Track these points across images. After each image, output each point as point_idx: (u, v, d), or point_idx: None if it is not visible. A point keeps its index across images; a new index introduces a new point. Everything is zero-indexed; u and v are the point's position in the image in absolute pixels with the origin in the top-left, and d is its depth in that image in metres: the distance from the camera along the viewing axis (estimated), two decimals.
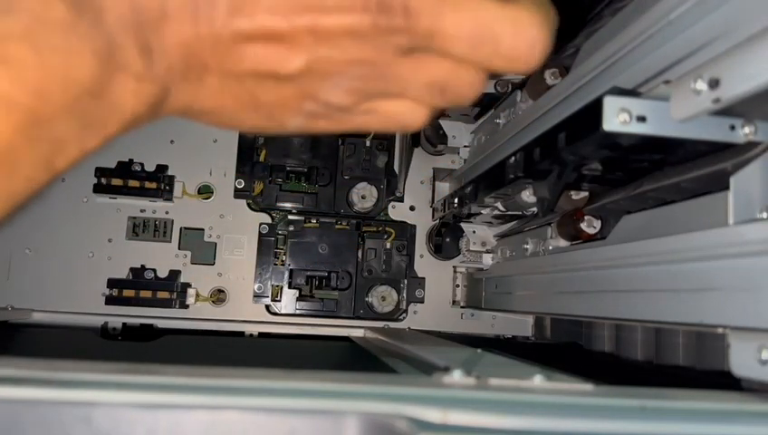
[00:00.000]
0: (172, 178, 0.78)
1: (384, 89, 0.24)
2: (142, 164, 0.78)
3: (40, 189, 0.20)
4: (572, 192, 0.51)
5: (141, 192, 0.77)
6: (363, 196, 0.81)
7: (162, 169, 0.78)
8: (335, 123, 0.26)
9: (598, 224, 0.51)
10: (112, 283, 0.76)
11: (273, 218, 0.81)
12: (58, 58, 0.19)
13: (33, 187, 0.20)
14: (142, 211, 0.78)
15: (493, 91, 0.64)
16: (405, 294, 0.81)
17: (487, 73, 0.24)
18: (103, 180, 0.76)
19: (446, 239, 0.81)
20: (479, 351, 0.46)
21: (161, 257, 0.78)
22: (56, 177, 0.21)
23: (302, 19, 0.21)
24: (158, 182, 0.78)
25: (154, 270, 0.77)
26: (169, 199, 0.78)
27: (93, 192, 0.76)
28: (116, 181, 0.77)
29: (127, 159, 0.77)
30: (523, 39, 0.22)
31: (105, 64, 0.20)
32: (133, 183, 0.77)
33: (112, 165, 0.77)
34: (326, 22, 0.21)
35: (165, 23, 0.21)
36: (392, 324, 0.80)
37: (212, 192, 0.80)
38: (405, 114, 0.26)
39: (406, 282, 0.81)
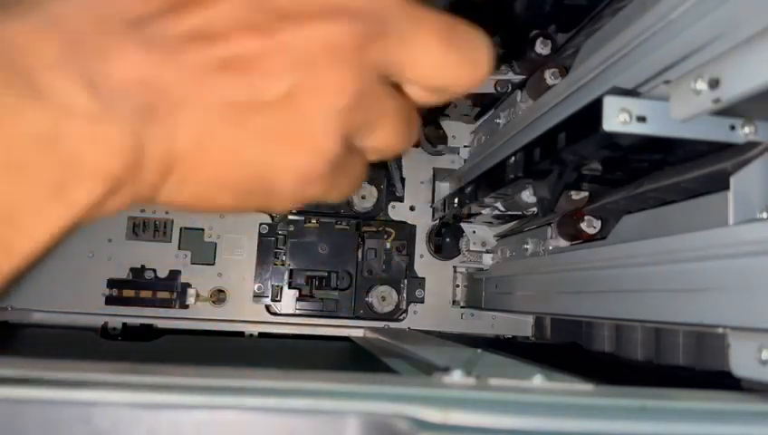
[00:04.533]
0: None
1: (366, 120, 0.22)
2: None
3: (2, 282, 0.18)
4: (572, 192, 0.51)
5: None
6: (363, 196, 0.81)
7: None
8: (326, 184, 0.22)
9: (598, 224, 0.51)
10: (112, 283, 0.76)
11: (273, 218, 0.81)
12: None
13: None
14: (142, 211, 0.78)
15: (493, 91, 0.64)
16: (405, 294, 0.81)
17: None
18: None
19: (446, 239, 0.81)
20: (479, 351, 0.46)
21: (161, 257, 0.78)
22: (19, 263, 0.18)
23: (274, 36, 0.19)
24: None
25: (154, 270, 0.77)
26: None
27: None
28: None
29: None
30: (478, 77, 0.23)
31: (42, 106, 0.17)
32: None
33: None
34: (302, 36, 0.19)
35: (108, 57, 0.18)
36: (392, 324, 0.80)
37: None
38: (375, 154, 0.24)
39: (406, 282, 0.81)
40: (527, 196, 0.54)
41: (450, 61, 0.22)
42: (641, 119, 0.32)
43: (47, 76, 0.17)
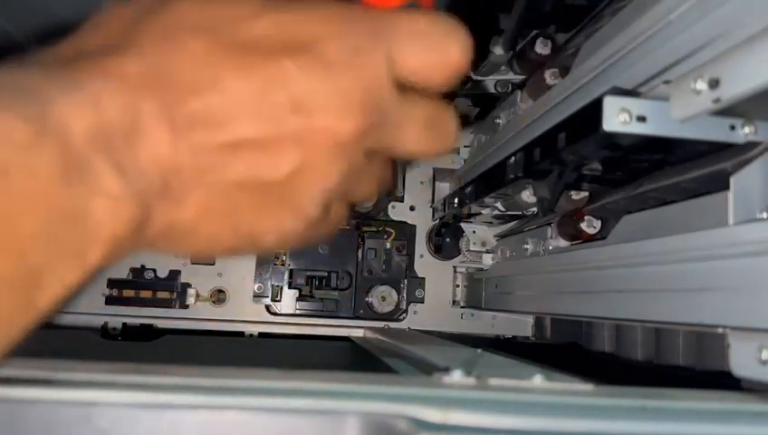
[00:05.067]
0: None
1: (346, 190, 0.25)
2: None
3: (22, 333, 0.19)
4: (572, 192, 0.51)
5: None
6: None
7: None
8: (302, 236, 0.25)
9: (598, 224, 0.51)
10: (112, 283, 0.76)
11: None
12: (23, 181, 0.17)
13: (13, 331, 0.18)
14: None
15: (493, 91, 0.64)
16: (405, 294, 0.81)
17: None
18: None
19: (446, 239, 0.81)
20: (479, 351, 0.46)
21: (161, 257, 0.78)
22: (40, 318, 0.19)
23: (287, 124, 0.21)
24: None
25: (154, 270, 0.77)
26: None
27: None
28: None
29: None
30: (444, 149, 0.27)
31: (77, 187, 0.18)
32: None
33: None
34: (311, 125, 0.22)
35: (138, 140, 0.20)
36: (392, 324, 0.80)
37: None
38: (342, 213, 0.28)
39: (406, 282, 0.81)
40: (527, 196, 0.54)
41: (428, 141, 0.26)
42: (641, 119, 0.32)
43: (87, 157, 0.19)
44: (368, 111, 0.23)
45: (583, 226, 0.51)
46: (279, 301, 0.79)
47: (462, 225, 0.76)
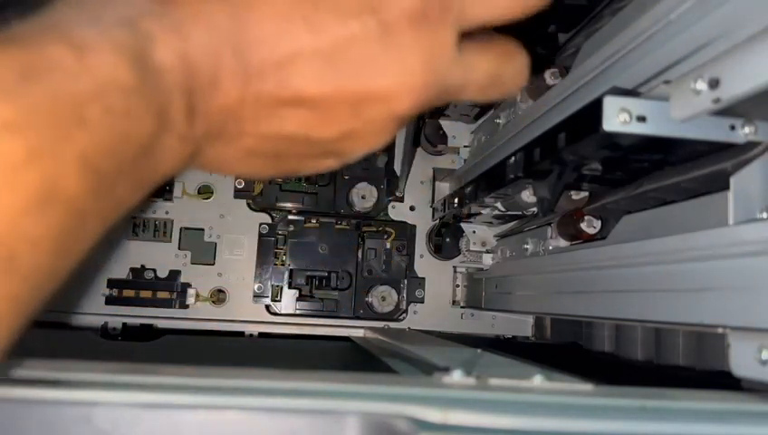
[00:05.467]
0: (172, 177, 0.78)
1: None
2: None
3: (93, 245, 0.20)
4: (572, 192, 0.51)
5: None
6: (363, 196, 0.81)
7: None
8: (338, 165, 0.27)
9: (598, 224, 0.51)
10: (112, 283, 0.76)
11: (273, 218, 0.81)
12: (125, 120, 0.18)
13: (91, 244, 0.20)
14: (142, 211, 0.78)
15: None
16: (405, 294, 0.81)
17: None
18: None
19: (446, 239, 0.81)
20: (479, 351, 0.46)
21: (161, 257, 0.78)
22: (106, 231, 0.20)
23: (346, 88, 0.22)
24: None
25: (154, 270, 0.77)
26: (169, 199, 0.78)
27: None
28: None
29: None
30: (519, 78, 0.27)
31: (158, 126, 0.20)
32: None
33: None
34: (368, 99, 0.22)
35: (215, 87, 0.21)
36: (392, 324, 0.80)
37: (212, 192, 0.80)
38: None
39: (406, 282, 0.81)
40: (527, 196, 0.54)
41: (493, 91, 0.26)
42: (641, 119, 0.32)
43: (171, 99, 0.20)
44: (428, 87, 0.23)
45: (583, 226, 0.51)
46: (279, 301, 0.79)
47: (462, 225, 0.76)
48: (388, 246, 0.81)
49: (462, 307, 0.82)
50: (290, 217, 0.81)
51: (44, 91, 0.17)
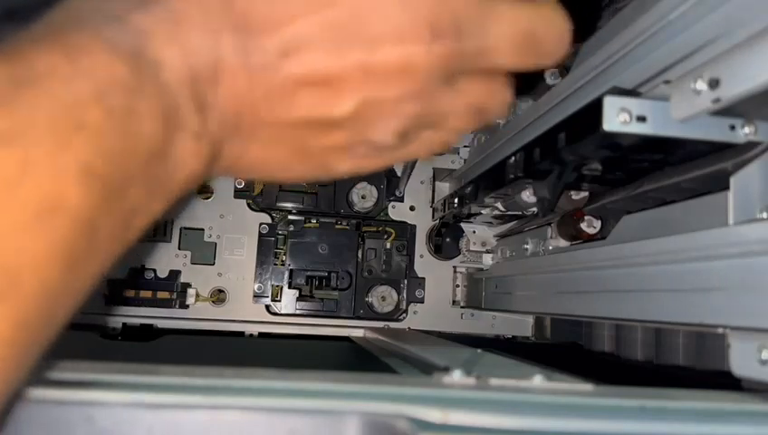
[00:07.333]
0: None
1: (427, 122, 0.24)
2: None
3: (111, 265, 0.19)
4: (572, 192, 0.51)
5: None
6: (363, 196, 0.81)
7: None
8: (381, 161, 0.25)
9: (598, 224, 0.51)
10: (112, 283, 0.76)
11: (273, 218, 0.81)
12: (127, 121, 0.18)
13: (108, 263, 0.19)
14: None
15: None
16: (405, 294, 0.81)
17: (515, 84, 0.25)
18: None
19: (446, 239, 0.81)
20: (479, 351, 0.46)
21: (161, 257, 0.78)
22: (126, 249, 0.19)
23: (353, 57, 0.21)
24: None
25: (154, 270, 0.77)
26: None
27: None
28: None
29: None
30: (556, 33, 0.23)
31: (166, 124, 0.19)
32: None
33: None
34: (378, 57, 0.21)
35: (218, 76, 0.20)
36: (392, 324, 0.80)
37: (212, 192, 0.80)
38: (439, 141, 0.26)
39: (406, 282, 0.81)
40: (527, 196, 0.54)
41: (528, 53, 0.23)
42: (641, 119, 0.32)
43: (176, 95, 0.19)
44: (441, 30, 0.21)
45: (583, 226, 0.51)
46: (279, 301, 0.79)
47: (462, 225, 0.76)
48: (389, 246, 0.81)
49: (462, 307, 0.82)
50: (290, 217, 0.81)
51: (38, 98, 0.16)
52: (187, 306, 0.77)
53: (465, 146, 0.78)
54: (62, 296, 0.17)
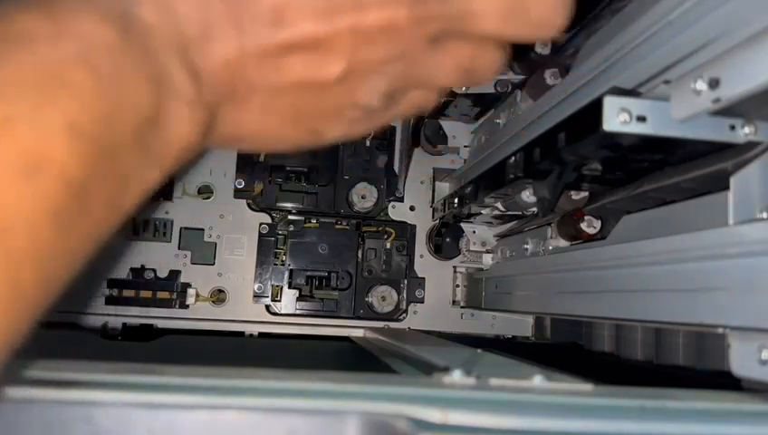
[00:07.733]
0: (172, 177, 0.78)
1: (414, 82, 0.24)
2: None
3: (107, 233, 0.19)
4: (572, 192, 0.51)
5: None
6: (363, 196, 0.81)
7: None
8: (369, 124, 0.26)
9: (598, 224, 0.51)
10: (112, 283, 0.76)
11: (273, 218, 0.81)
12: (115, 83, 0.17)
13: (103, 230, 0.19)
14: (142, 211, 0.78)
15: (493, 91, 0.64)
16: (405, 294, 0.81)
17: (508, 49, 0.25)
18: None
19: (446, 239, 0.81)
20: (479, 351, 0.46)
21: (161, 257, 0.78)
22: (122, 218, 0.19)
23: (342, 20, 0.21)
24: None
25: (154, 270, 0.77)
26: (169, 199, 0.78)
27: None
28: None
29: None
30: (548, 4, 0.23)
31: (158, 90, 0.19)
32: None
33: None
34: (365, 20, 0.21)
35: (209, 41, 0.20)
36: (392, 324, 0.80)
37: (212, 192, 0.80)
38: (423, 99, 0.26)
39: (406, 282, 0.81)
40: (527, 196, 0.54)
41: (516, 17, 0.23)
42: (641, 119, 0.32)
43: (165, 61, 0.19)
44: None
45: (583, 226, 0.51)
46: (279, 301, 0.79)
47: (462, 225, 0.76)
48: (388, 246, 0.81)
49: (462, 307, 0.82)
50: (290, 217, 0.81)
51: (21, 56, 0.16)
52: (187, 306, 0.77)
53: (465, 146, 0.78)
54: (55, 259, 0.17)
